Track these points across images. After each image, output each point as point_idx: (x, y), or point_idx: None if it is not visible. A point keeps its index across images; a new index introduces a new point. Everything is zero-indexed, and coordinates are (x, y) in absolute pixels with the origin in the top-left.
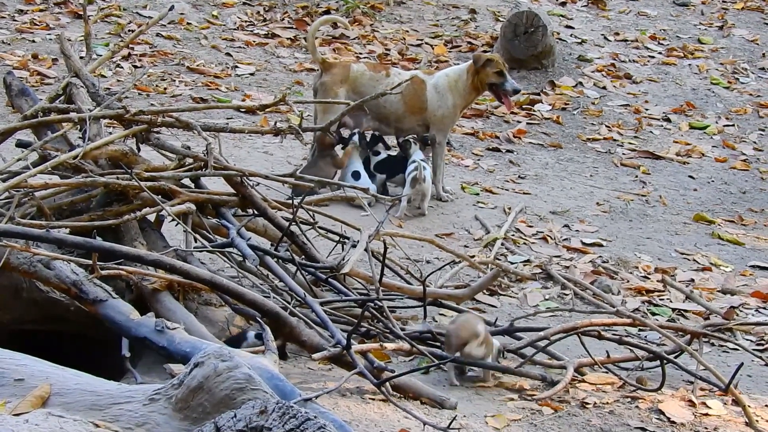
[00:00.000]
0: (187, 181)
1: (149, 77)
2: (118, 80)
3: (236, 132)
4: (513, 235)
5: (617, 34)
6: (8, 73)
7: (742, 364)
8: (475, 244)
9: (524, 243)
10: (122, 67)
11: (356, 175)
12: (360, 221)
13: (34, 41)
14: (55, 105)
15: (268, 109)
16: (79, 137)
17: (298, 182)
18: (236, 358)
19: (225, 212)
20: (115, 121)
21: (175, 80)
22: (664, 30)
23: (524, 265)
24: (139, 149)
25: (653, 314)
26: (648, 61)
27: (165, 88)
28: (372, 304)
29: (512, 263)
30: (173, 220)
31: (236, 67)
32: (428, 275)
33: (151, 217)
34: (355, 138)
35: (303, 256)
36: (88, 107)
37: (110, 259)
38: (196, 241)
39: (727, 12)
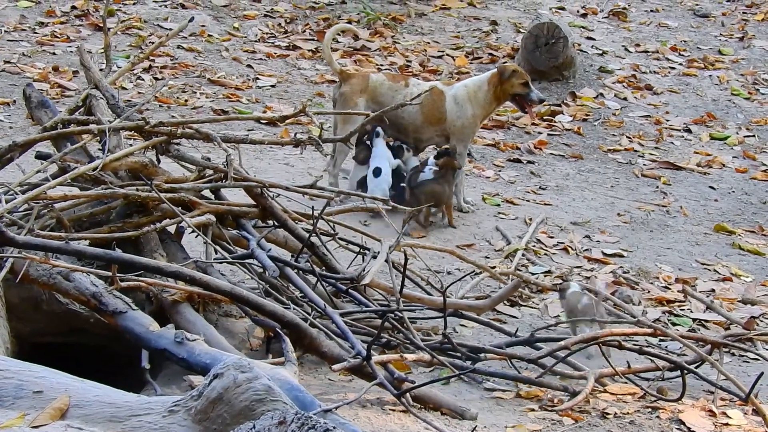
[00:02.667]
0: (207, 193)
1: (170, 89)
2: (140, 92)
3: (256, 143)
4: (534, 245)
5: (638, 45)
6: (28, 85)
7: (762, 373)
8: (496, 255)
9: (545, 254)
10: (143, 80)
11: (377, 172)
12: (381, 232)
13: (54, 53)
14: (74, 117)
15: (288, 121)
16: (99, 149)
17: (318, 193)
18: (256, 369)
19: (245, 224)
20: (135, 133)
21: (196, 92)
22: (684, 41)
23: (545, 276)
24: (159, 161)
25: (674, 324)
26: (669, 72)
27: (186, 100)
28: (392, 315)
29: (533, 274)
30: (193, 231)
31: (257, 78)
32: (448, 286)
33: (172, 229)
34: (378, 129)
35: (323, 267)
36: (108, 119)
37: (130, 270)
38: (216, 253)
39: (747, 23)
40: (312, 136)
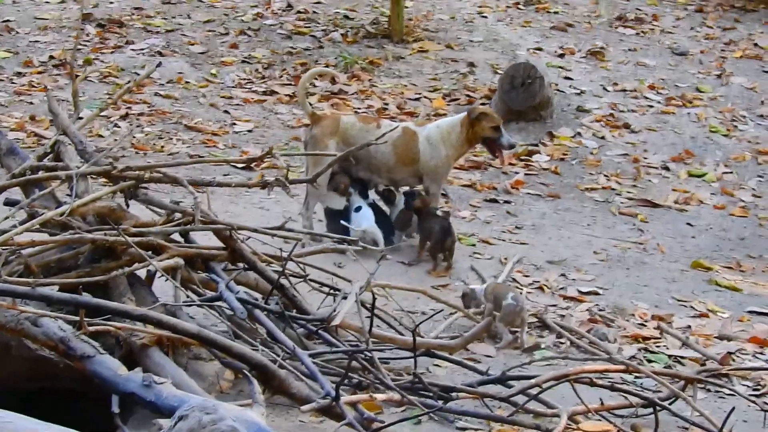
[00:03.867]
0: (177, 237)
1: (147, 136)
2: (116, 140)
3: (222, 186)
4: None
5: (616, 84)
6: None
7: (734, 408)
8: None
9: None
10: (120, 127)
11: (358, 209)
12: (353, 272)
13: (31, 103)
14: (43, 163)
15: (264, 165)
16: (68, 194)
17: (287, 235)
18: (221, 411)
19: (214, 266)
20: (103, 178)
21: (172, 138)
22: (662, 79)
23: None
24: (128, 205)
25: (650, 361)
26: (647, 111)
27: (162, 147)
28: (362, 355)
29: None
30: (162, 275)
31: (234, 124)
32: (417, 325)
33: (142, 273)
34: (351, 189)
35: (294, 309)
36: (76, 165)
37: (99, 315)
38: (186, 296)
39: (725, 60)
40: (279, 178)
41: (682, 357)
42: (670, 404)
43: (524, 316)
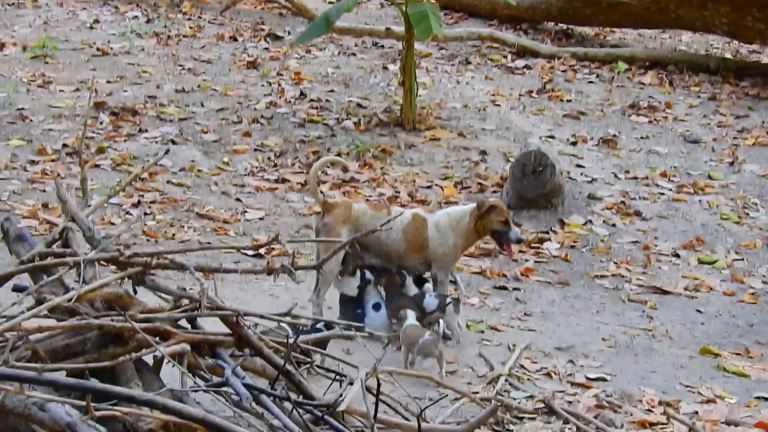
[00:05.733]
0: (185, 323)
1: (158, 223)
2: (129, 227)
3: (229, 272)
4: (517, 371)
5: (628, 172)
6: (6, 219)
7: None
8: (479, 381)
9: (528, 379)
10: (131, 215)
11: (377, 307)
12: (361, 358)
13: (44, 191)
14: (51, 249)
15: (267, 251)
16: (76, 280)
17: (293, 321)
18: None
19: (221, 352)
20: (111, 264)
21: (183, 226)
22: (674, 167)
23: (527, 401)
24: (135, 291)
25: None
26: (658, 198)
27: (173, 234)
28: None
29: (514, 399)
30: (169, 361)
31: (245, 212)
32: (423, 409)
33: (149, 359)
34: (368, 275)
35: (300, 395)
36: (84, 251)
37: (106, 400)
38: (195, 383)
39: (738, 148)
40: (284, 265)
41: None
42: None
43: (441, 348)
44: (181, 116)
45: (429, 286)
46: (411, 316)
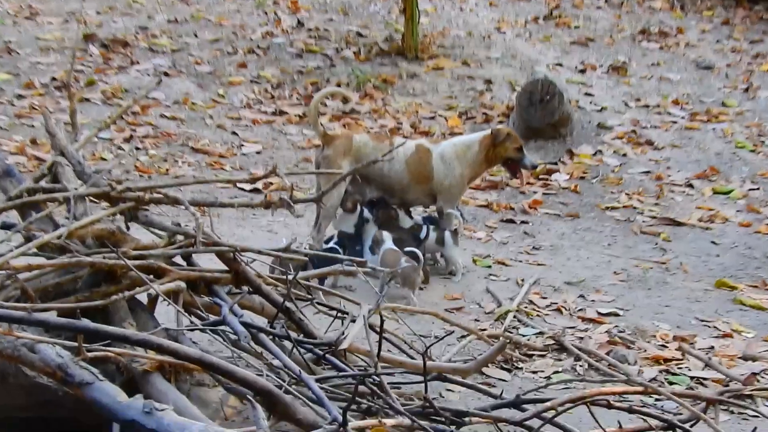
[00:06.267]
0: (179, 260)
1: (151, 159)
2: (121, 163)
3: (225, 206)
4: (526, 307)
5: (638, 100)
6: None
7: (756, 429)
8: (486, 318)
9: (537, 315)
10: (123, 150)
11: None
12: (363, 295)
13: (33, 126)
14: (40, 185)
15: (265, 185)
16: (66, 217)
17: (292, 256)
18: None
19: (218, 290)
20: (102, 200)
21: (178, 161)
22: (687, 94)
23: (537, 337)
24: (128, 227)
25: (671, 383)
26: (670, 127)
27: (167, 169)
28: (370, 380)
29: (524, 336)
30: (163, 299)
31: (242, 146)
32: (428, 347)
33: (143, 297)
34: (366, 213)
35: (300, 333)
36: (75, 186)
37: (98, 340)
38: (191, 322)
39: (752, 74)
40: (283, 197)
41: (704, 378)
42: (691, 426)
43: (420, 273)
44: (173, 47)
45: (419, 218)
46: (388, 239)
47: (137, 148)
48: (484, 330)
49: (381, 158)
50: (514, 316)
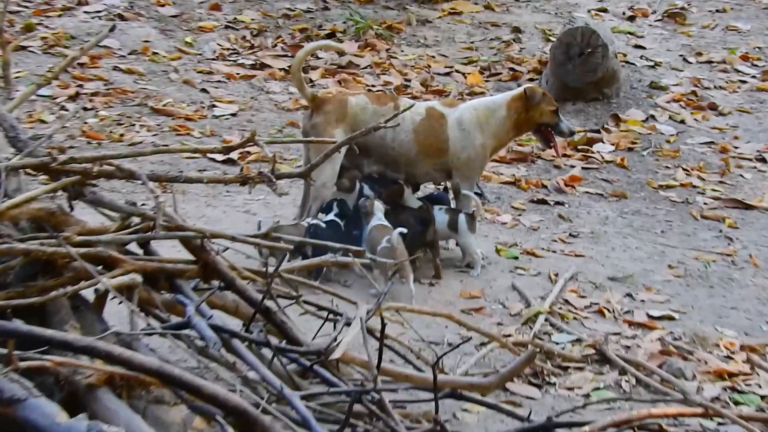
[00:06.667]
0: (134, 247)
1: (102, 121)
2: (64, 126)
3: (192, 182)
4: (560, 308)
5: (700, 54)
6: None
7: None
8: (511, 321)
9: (574, 318)
10: (68, 110)
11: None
12: (359, 293)
13: None
14: None
15: (240, 155)
16: None
17: (274, 244)
18: None
19: (182, 285)
20: (41, 172)
21: (135, 124)
22: (758, 48)
23: (573, 346)
24: (71, 207)
25: (737, 403)
26: (738, 88)
27: (122, 135)
28: (368, 397)
29: (557, 344)
30: (114, 296)
31: (214, 106)
32: (440, 358)
33: (89, 294)
34: (367, 189)
35: (283, 339)
36: (6, 156)
37: (33, 347)
38: (148, 325)
39: None
40: (263, 172)
41: None
42: None
43: (397, 255)
44: None
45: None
46: (379, 211)
47: (85, 109)
48: (509, 336)
49: (383, 124)
50: (546, 319)
